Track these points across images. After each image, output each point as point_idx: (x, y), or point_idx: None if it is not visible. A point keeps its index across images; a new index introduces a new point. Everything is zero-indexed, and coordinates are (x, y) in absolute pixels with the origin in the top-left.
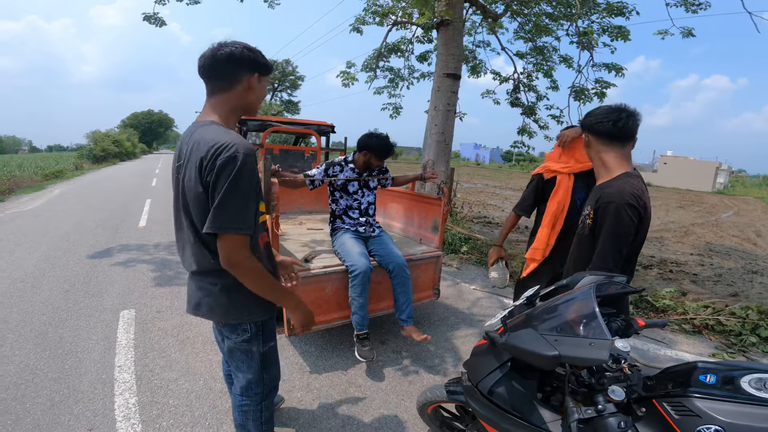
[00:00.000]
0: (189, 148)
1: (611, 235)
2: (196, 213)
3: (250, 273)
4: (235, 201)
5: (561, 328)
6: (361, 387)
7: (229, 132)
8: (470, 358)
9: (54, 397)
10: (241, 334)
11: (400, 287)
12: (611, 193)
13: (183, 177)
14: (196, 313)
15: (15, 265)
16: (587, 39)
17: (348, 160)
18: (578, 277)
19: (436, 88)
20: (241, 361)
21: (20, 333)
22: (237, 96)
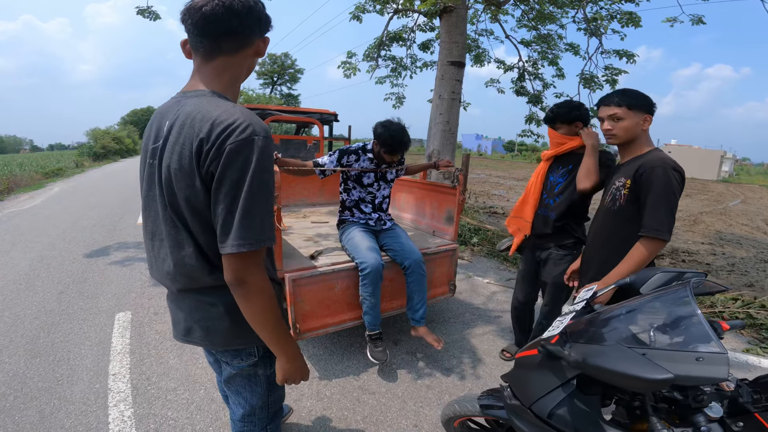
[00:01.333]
0: (175, 124)
1: (662, 196)
2: (191, 215)
3: (260, 297)
4: (260, 205)
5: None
6: (376, 394)
7: (239, 107)
8: (515, 371)
9: (44, 409)
10: (246, 359)
11: (416, 285)
12: (652, 160)
13: (164, 164)
14: (187, 340)
15: (9, 266)
16: (596, 25)
17: (367, 149)
18: (646, 275)
19: (440, 77)
20: (243, 387)
21: (11, 338)
22: (241, 62)
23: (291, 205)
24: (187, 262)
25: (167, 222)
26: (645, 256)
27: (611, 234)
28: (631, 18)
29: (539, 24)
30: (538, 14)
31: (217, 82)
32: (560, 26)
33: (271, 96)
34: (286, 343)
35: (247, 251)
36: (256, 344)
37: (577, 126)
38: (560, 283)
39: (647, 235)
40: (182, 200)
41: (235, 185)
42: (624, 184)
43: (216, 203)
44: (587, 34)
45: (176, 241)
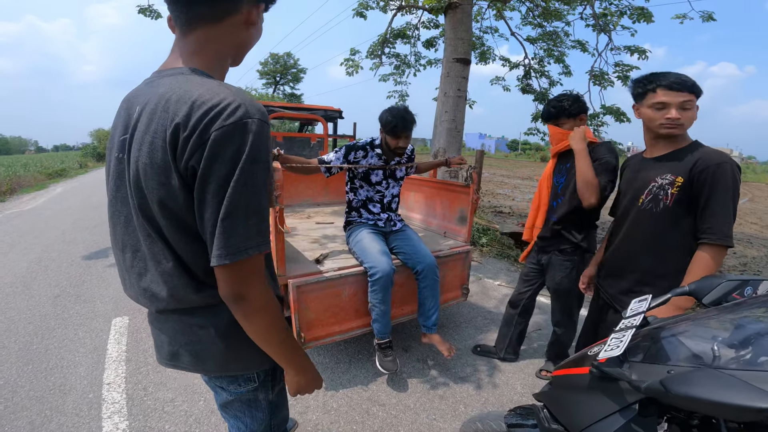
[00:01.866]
0: (145, 109)
1: (732, 196)
2: (167, 222)
3: (263, 313)
4: (252, 204)
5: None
6: (386, 405)
7: (227, 85)
8: (554, 391)
9: (35, 420)
10: (244, 385)
11: (429, 291)
12: (714, 155)
13: (132, 159)
14: (173, 365)
15: (6, 269)
16: (605, 21)
17: (375, 144)
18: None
19: (446, 74)
20: (242, 412)
21: (3, 344)
22: (228, 33)
23: (294, 206)
24: (167, 280)
25: (140, 230)
26: (714, 267)
27: (655, 239)
28: (643, 13)
29: (545, 21)
30: (544, 11)
31: (198, 57)
32: (566, 23)
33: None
34: (295, 357)
35: (243, 260)
36: (256, 369)
37: (581, 119)
38: (563, 289)
39: (716, 243)
40: (155, 203)
41: (225, 182)
42: (673, 182)
43: (202, 206)
44: (596, 30)
45: (152, 254)
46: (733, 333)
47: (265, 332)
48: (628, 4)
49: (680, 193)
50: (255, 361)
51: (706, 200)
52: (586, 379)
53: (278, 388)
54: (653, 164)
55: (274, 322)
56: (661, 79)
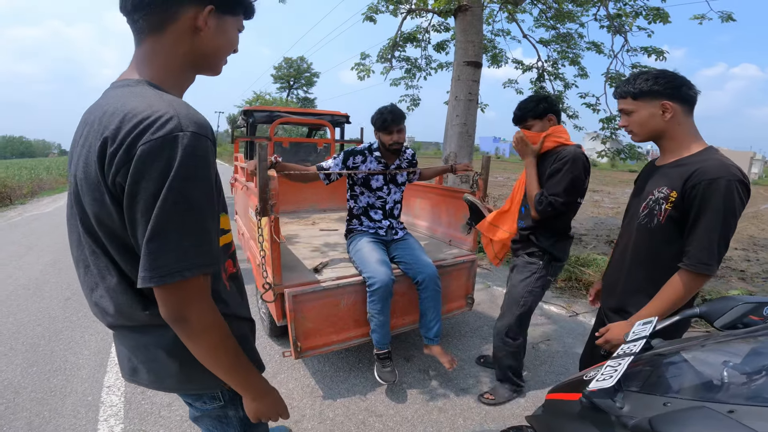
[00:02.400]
0: (88, 122)
1: (720, 219)
2: (107, 238)
3: (206, 335)
4: (183, 223)
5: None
6: (383, 416)
7: (165, 96)
8: (545, 416)
9: (33, 421)
10: (209, 402)
11: (430, 301)
12: (711, 167)
13: (71, 173)
14: (134, 380)
15: (22, 271)
16: (620, 22)
17: (373, 148)
18: (722, 306)
19: (456, 77)
20: (215, 427)
21: (11, 346)
22: (174, 42)
23: (300, 212)
24: (113, 296)
25: (86, 246)
26: (683, 295)
27: (647, 257)
28: (659, 14)
29: (558, 23)
30: (557, 13)
31: (147, 68)
32: (580, 25)
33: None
34: (249, 381)
35: (179, 282)
36: (218, 389)
37: (550, 120)
38: (515, 293)
39: (691, 271)
40: (93, 219)
41: (153, 200)
42: (667, 196)
43: (133, 225)
44: (611, 31)
45: (98, 270)
46: (746, 361)
47: (210, 355)
48: (643, 5)
49: (673, 210)
50: (214, 380)
51: (693, 220)
52: (577, 407)
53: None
54: (658, 173)
55: (218, 345)
56: None
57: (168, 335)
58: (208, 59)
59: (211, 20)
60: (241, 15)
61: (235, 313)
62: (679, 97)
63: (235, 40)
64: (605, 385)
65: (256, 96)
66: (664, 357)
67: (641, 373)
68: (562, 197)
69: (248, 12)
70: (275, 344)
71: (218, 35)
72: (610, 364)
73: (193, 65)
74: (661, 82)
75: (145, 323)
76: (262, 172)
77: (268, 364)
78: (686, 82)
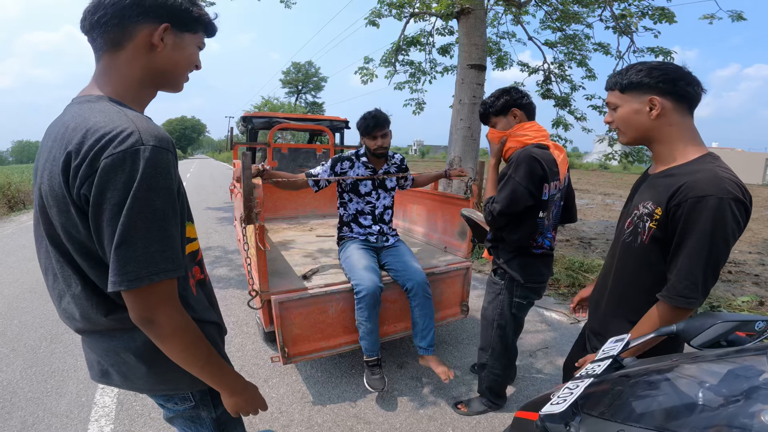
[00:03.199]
0: (50, 137)
1: (708, 244)
2: (73, 247)
3: (176, 336)
4: (149, 231)
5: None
6: (371, 424)
7: (125, 111)
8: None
9: (27, 420)
10: (180, 403)
11: (420, 309)
12: (701, 182)
13: (36, 186)
14: (106, 382)
15: (29, 274)
16: (626, 23)
17: (360, 154)
18: (700, 324)
19: (460, 81)
20: (188, 428)
21: (13, 347)
22: (129, 59)
23: (300, 217)
24: (78, 302)
25: (52, 255)
26: (658, 327)
27: (630, 280)
28: (664, 14)
29: (564, 24)
30: (563, 14)
31: (106, 84)
32: (587, 26)
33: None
34: (224, 378)
35: (146, 286)
36: (188, 390)
37: (515, 116)
38: (486, 316)
39: (669, 303)
40: (60, 229)
41: (119, 209)
42: (651, 212)
43: (99, 233)
44: (617, 32)
45: (63, 277)
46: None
47: (182, 355)
48: (648, 5)
49: (657, 229)
50: (184, 381)
51: (676, 244)
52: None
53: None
54: (646, 184)
55: (189, 345)
56: None
57: (137, 339)
58: (166, 76)
59: (167, 37)
60: (201, 33)
61: (201, 317)
62: (674, 92)
63: (194, 57)
64: (556, 409)
65: (265, 101)
66: (630, 378)
67: (607, 395)
68: (500, 204)
69: (208, 30)
70: (269, 349)
71: (175, 52)
72: (568, 386)
73: (151, 81)
74: (654, 74)
75: (110, 327)
76: (246, 179)
77: (261, 369)
78: (686, 76)
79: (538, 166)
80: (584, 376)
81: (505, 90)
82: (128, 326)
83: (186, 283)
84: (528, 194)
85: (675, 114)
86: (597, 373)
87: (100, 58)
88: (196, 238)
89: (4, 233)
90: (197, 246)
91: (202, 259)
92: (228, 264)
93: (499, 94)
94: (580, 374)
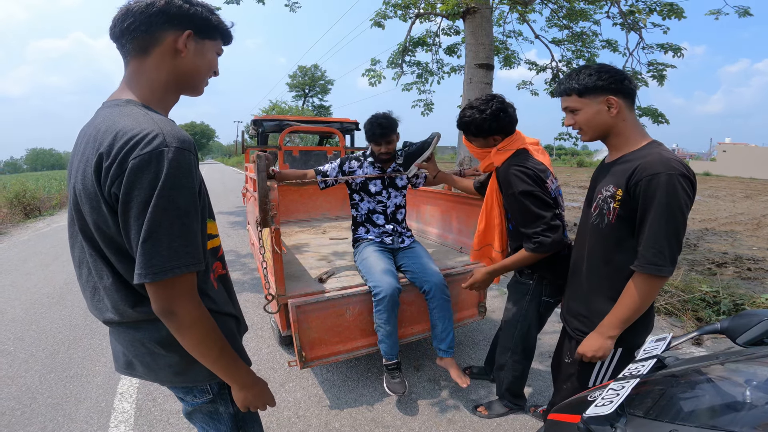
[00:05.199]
0: (82, 139)
1: (666, 214)
2: (104, 242)
3: (193, 328)
4: (172, 227)
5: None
6: (390, 428)
7: (151, 115)
8: None
9: (47, 426)
10: (199, 396)
11: (439, 311)
12: (652, 163)
13: (71, 185)
14: (130, 373)
15: (46, 280)
16: (633, 19)
17: (367, 154)
18: (745, 322)
19: (468, 80)
20: (207, 424)
21: (32, 352)
22: (155, 64)
23: (312, 220)
24: (109, 294)
25: (86, 249)
26: (642, 299)
27: (599, 258)
28: (672, 9)
29: (571, 22)
30: (569, 12)
31: (134, 89)
32: (594, 23)
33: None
34: (235, 373)
35: (169, 279)
36: (206, 382)
37: (495, 140)
38: (510, 317)
39: (642, 272)
40: (92, 225)
41: (145, 207)
42: (614, 194)
43: (126, 229)
44: (624, 29)
45: (96, 270)
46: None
47: (197, 347)
48: (656, 0)
49: (621, 209)
50: (203, 373)
51: (639, 220)
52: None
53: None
54: (605, 171)
55: (205, 338)
56: None
57: (161, 329)
58: (188, 80)
59: (190, 43)
60: (219, 40)
61: (221, 309)
62: (622, 90)
63: (213, 63)
64: (603, 411)
65: (273, 105)
66: (676, 377)
67: (650, 395)
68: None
69: (225, 37)
70: (285, 353)
71: (197, 57)
72: (612, 387)
73: (175, 85)
74: (604, 77)
75: (136, 319)
76: (261, 182)
77: (277, 373)
78: (627, 75)
79: (527, 172)
80: (628, 376)
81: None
82: (153, 318)
83: (207, 277)
84: (545, 195)
85: (626, 109)
86: (642, 373)
87: (128, 63)
88: (217, 234)
89: (21, 240)
90: (218, 242)
91: (224, 255)
92: (241, 268)
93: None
94: (624, 374)
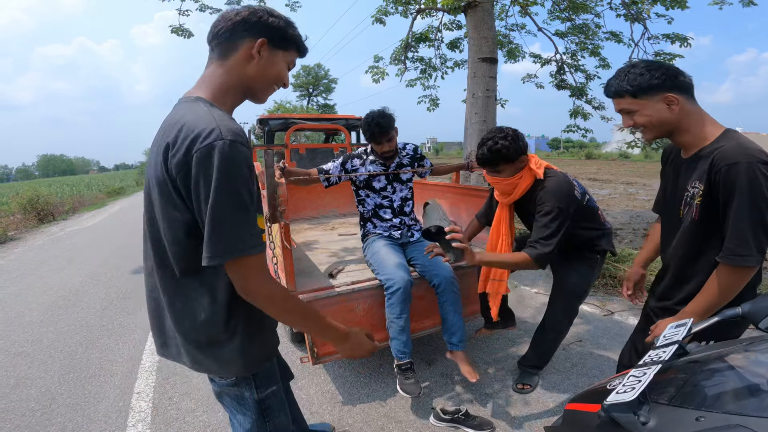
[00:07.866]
0: (159, 132)
1: (748, 203)
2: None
3: (270, 303)
4: (237, 211)
5: None
6: (403, 423)
7: (212, 112)
8: (564, 428)
9: (66, 426)
10: (225, 377)
11: (449, 305)
12: (730, 152)
13: (147, 174)
14: (164, 354)
15: (62, 283)
16: (637, 10)
17: (368, 151)
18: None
19: (472, 75)
20: (234, 408)
21: (50, 354)
22: (230, 68)
23: (321, 217)
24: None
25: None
26: (723, 291)
27: (690, 254)
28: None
29: (573, 14)
30: (570, 3)
31: (205, 88)
32: (596, 15)
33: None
34: (325, 333)
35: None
36: (218, 374)
37: (521, 161)
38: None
39: (727, 264)
40: (156, 207)
41: (209, 195)
42: (699, 190)
43: (200, 214)
44: (628, 20)
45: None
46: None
47: (282, 317)
48: None
49: (705, 203)
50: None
51: (724, 210)
52: (595, 420)
53: (267, 391)
54: (686, 167)
55: (283, 308)
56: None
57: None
58: (253, 85)
59: (264, 51)
60: (293, 51)
61: None
62: (679, 86)
63: (283, 74)
64: (625, 398)
65: (277, 105)
66: (700, 364)
67: (673, 382)
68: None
69: (300, 50)
70: (296, 349)
71: (268, 66)
72: (633, 374)
73: (241, 89)
74: (657, 74)
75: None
76: (269, 178)
77: None
78: (679, 70)
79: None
80: (649, 363)
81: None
82: (191, 297)
83: None
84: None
85: (687, 104)
86: (664, 360)
87: (209, 65)
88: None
89: (35, 244)
90: (264, 238)
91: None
92: None
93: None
94: (644, 361)
